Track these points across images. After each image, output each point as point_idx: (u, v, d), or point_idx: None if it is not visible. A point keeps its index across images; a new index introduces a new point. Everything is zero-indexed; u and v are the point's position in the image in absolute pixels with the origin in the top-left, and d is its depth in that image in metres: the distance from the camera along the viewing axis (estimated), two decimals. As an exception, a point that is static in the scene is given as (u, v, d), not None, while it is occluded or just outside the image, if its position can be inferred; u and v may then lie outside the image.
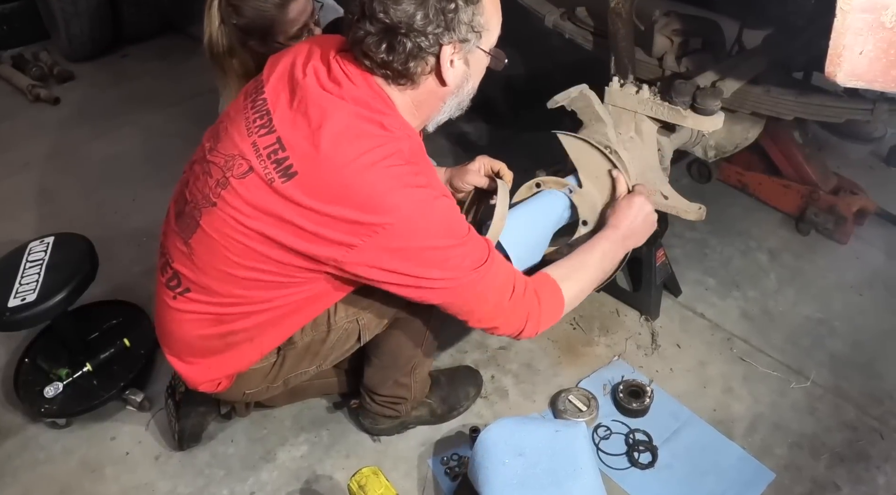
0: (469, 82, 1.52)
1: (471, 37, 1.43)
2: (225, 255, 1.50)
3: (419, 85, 1.46)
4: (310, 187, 1.38)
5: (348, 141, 1.38)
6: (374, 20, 1.36)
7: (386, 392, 1.98)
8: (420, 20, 1.35)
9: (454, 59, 1.43)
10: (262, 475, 2.01)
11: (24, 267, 2.13)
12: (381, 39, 1.37)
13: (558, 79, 2.17)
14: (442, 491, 1.95)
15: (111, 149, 3.53)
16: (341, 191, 1.37)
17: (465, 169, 1.93)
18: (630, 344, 2.36)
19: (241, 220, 1.45)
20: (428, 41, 1.38)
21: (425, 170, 1.46)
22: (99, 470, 2.05)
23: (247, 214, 1.44)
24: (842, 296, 2.53)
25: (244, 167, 1.45)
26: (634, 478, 1.97)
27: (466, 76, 1.50)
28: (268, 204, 1.42)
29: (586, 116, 2.14)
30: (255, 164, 1.43)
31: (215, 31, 1.99)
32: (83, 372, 2.19)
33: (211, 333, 1.64)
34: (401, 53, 1.38)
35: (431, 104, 1.53)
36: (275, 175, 1.41)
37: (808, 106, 2.16)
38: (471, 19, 1.41)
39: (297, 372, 1.80)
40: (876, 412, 2.13)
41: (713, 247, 2.75)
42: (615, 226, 1.85)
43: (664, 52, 2.39)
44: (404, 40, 1.36)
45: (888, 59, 1.43)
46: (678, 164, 2.91)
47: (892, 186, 3.01)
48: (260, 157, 1.43)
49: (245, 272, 1.51)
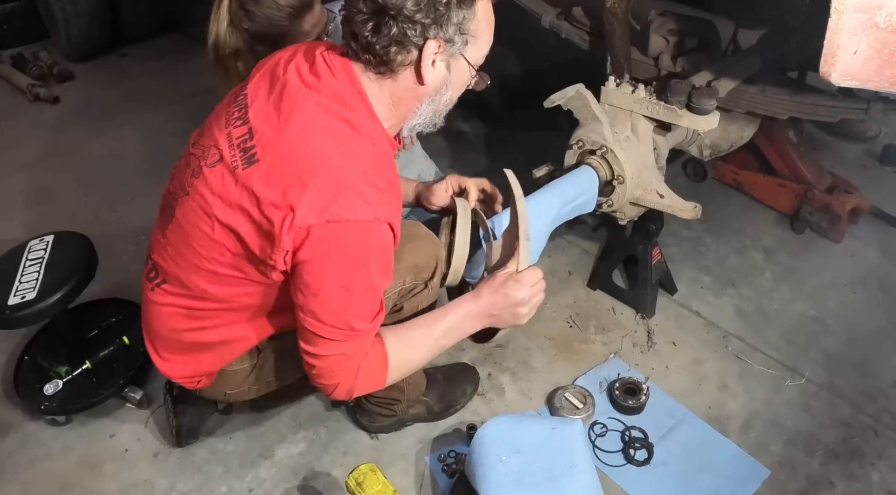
0: (448, 91, 1.51)
1: (457, 39, 1.43)
2: (192, 246, 1.52)
3: (398, 76, 1.45)
4: (267, 175, 1.40)
5: (311, 133, 1.40)
6: (368, 0, 1.37)
7: (379, 394, 1.96)
8: (411, 6, 1.35)
9: (436, 59, 1.43)
10: (260, 471, 2.02)
11: (23, 265, 2.13)
12: (370, 19, 1.38)
13: (554, 78, 2.19)
14: (439, 487, 1.95)
15: (110, 149, 3.54)
16: (293, 173, 1.38)
17: (433, 188, 1.91)
18: (626, 341, 2.37)
19: (205, 209, 1.48)
20: (414, 30, 1.37)
21: (380, 181, 1.43)
22: (98, 467, 2.05)
23: (210, 203, 1.47)
24: (836, 294, 2.54)
25: (216, 156, 1.48)
26: (630, 475, 1.98)
27: (446, 82, 1.49)
28: (229, 191, 1.44)
29: (582, 116, 2.16)
30: (226, 153, 1.46)
31: (223, 32, 1.97)
32: (82, 369, 2.19)
33: (183, 328, 1.66)
34: (385, 36, 1.38)
35: (408, 103, 1.51)
36: (239, 162, 1.43)
37: (803, 105, 2.18)
38: (461, 21, 1.41)
39: (279, 374, 1.82)
40: (870, 409, 2.14)
41: (708, 245, 2.76)
42: (477, 297, 1.65)
43: (660, 51, 2.41)
44: (391, 23, 1.36)
45: (882, 58, 1.45)
46: (674, 163, 2.90)
47: (885, 185, 3.03)
48: (231, 147, 1.46)
49: (207, 264, 1.52)
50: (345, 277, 1.42)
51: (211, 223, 1.48)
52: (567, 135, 2.21)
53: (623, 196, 2.18)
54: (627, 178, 2.14)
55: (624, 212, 2.27)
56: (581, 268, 2.65)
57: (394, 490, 1.72)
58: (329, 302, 1.43)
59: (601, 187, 2.16)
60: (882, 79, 1.48)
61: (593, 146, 2.15)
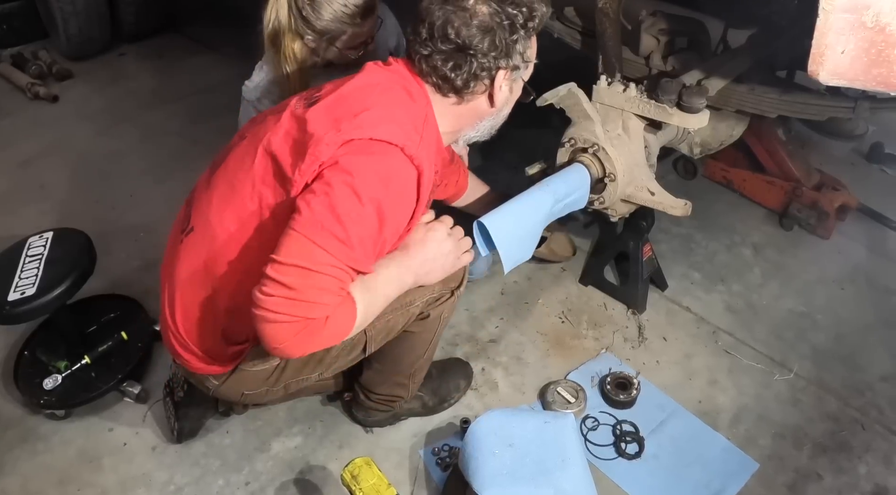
0: (507, 107, 1.69)
1: (521, 65, 1.60)
2: (231, 182, 1.57)
3: (465, 102, 1.60)
4: (324, 108, 1.50)
5: (372, 86, 1.54)
6: (446, 40, 1.50)
7: (383, 392, 2.01)
8: (487, 45, 1.50)
9: (503, 84, 1.58)
10: (256, 465, 2.03)
11: (23, 261, 2.14)
12: (449, 58, 1.52)
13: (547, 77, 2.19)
14: (433, 481, 1.97)
15: (109, 147, 3.55)
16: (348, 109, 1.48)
17: None
18: (617, 337, 2.39)
19: (254, 143, 1.56)
20: (489, 63, 1.53)
21: (426, 138, 1.53)
22: (97, 461, 2.06)
23: (261, 136, 1.55)
24: (824, 289, 2.56)
25: (282, 109, 1.60)
26: (621, 468, 1.99)
27: (507, 101, 1.66)
28: (282, 124, 1.53)
29: (574, 114, 2.17)
30: (292, 104, 1.58)
31: (284, 16, 2.04)
32: (81, 364, 2.21)
33: (199, 268, 1.59)
34: (464, 72, 1.53)
35: (470, 120, 1.67)
36: (301, 106, 1.54)
37: (792, 104, 2.18)
38: (524, 50, 1.58)
39: (299, 378, 1.79)
40: (857, 403, 2.16)
41: (699, 242, 2.78)
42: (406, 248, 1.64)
43: (651, 51, 2.42)
44: (471, 60, 1.51)
45: (869, 58, 1.45)
46: (664, 161, 2.91)
47: (873, 182, 3.05)
48: (299, 100, 1.59)
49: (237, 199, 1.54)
50: (363, 187, 1.40)
51: (254, 153, 1.54)
52: (559, 134, 2.22)
53: (614, 193, 2.18)
54: (619, 176, 2.15)
55: (615, 210, 2.27)
56: (573, 265, 2.67)
57: (388, 483, 1.71)
58: (336, 205, 1.37)
59: (593, 184, 2.16)
60: (869, 78, 1.48)
61: (585, 144, 2.15)
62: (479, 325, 2.44)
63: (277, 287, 1.34)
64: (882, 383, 2.22)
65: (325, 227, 1.37)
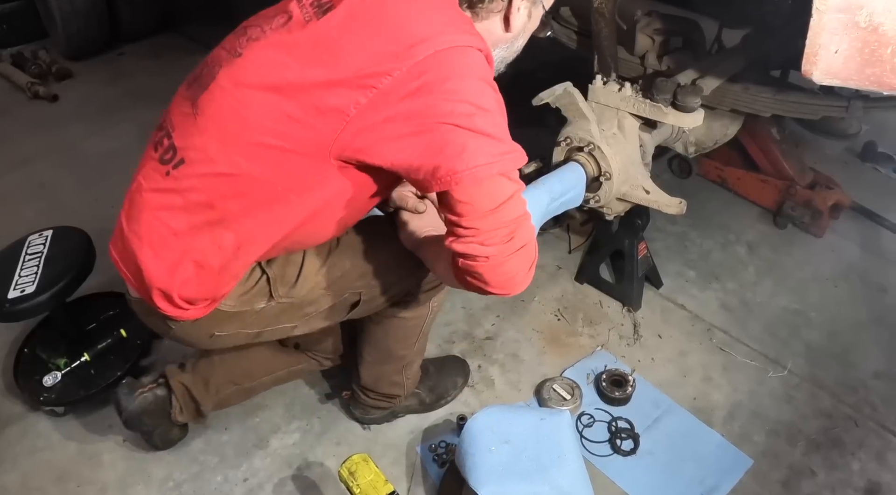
0: (521, 37, 1.54)
1: None
2: (236, 110, 1.37)
3: (479, 19, 1.44)
4: (345, 17, 1.32)
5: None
6: None
7: (381, 390, 2.01)
8: None
9: (521, 6, 1.44)
10: (254, 462, 2.04)
11: (23, 259, 2.14)
12: None
13: (542, 77, 2.20)
14: (430, 477, 1.98)
15: (108, 146, 3.55)
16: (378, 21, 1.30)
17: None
18: (613, 334, 2.40)
19: (266, 68, 1.35)
20: None
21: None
22: (96, 457, 2.07)
23: (272, 61, 1.35)
24: (818, 287, 2.57)
25: (283, 19, 1.39)
26: (617, 465, 2.01)
27: (524, 28, 1.50)
28: (297, 41, 1.33)
29: (570, 113, 2.18)
30: (296, 12, 1.38)
31: None
32: (81, 361, 2.21)
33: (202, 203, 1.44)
34: None
35: None
36: (312, 14, 1.35)
37: (786, 103, 2.20)
38: None
39: (277, 326, 1.65)
40: (850, 400, 2.17)
41: (693, 240, 2.79)
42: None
43: (646, 50, 2.43)
44: None
45: (863, 57, 1.47)
46: (659, 160, 2.94)
47: (866, 181, 3.07)
48: (302, 7, 1.39)
49: (251, 135, 1.36)
50: (473, 92, 1.29)
51: (268, 85, 1.35)
52: (555, 133, 2.23)
53: (610, 192, 2.20)
54: (614, 175, 2.16)
55: (611, 208, 2.28)
56: (569, 263, 2.68)
57: (385, 479, 1.73)
58: (473, 126, 1.27)
59: (588, 183, 2.17)
60: (862, 77, 1.49)
61: (581, 143, 2.17)
62: (476, 323, 2.45)
63: (491, 234, 1.30)
64: (875, 380, 2.24)
65: (482, 150, 1.29)
